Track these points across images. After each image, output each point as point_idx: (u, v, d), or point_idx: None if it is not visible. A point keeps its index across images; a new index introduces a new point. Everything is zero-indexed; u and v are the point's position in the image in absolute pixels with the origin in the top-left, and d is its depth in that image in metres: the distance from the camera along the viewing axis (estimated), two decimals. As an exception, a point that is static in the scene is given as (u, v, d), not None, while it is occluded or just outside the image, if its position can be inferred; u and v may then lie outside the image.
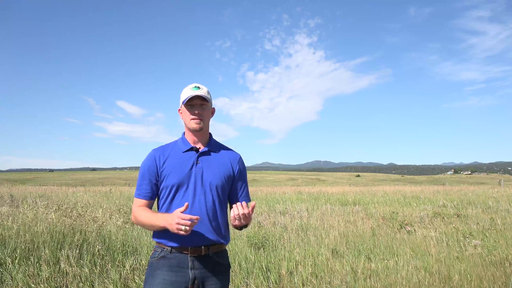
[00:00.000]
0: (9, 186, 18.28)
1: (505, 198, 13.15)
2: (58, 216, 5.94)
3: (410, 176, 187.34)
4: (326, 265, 4.12)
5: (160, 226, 1.49)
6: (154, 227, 1.53)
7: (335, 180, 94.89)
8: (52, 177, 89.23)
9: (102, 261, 3.93)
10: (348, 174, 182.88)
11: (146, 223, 1.56)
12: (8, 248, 3.97)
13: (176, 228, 1.39)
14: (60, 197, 10.86)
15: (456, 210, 9.67)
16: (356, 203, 12.04)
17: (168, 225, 1.43)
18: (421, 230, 6.63)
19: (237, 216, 1.47)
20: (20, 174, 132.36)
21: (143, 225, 1.58)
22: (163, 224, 1.47)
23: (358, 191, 19.25)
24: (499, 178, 35.91)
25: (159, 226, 1.50)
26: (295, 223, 7.15)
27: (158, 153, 1.67)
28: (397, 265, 4.13)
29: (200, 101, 1.65)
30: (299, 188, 24.04)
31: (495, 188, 20.46)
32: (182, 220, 1.37)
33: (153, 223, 1.52)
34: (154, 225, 1.52)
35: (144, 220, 1.56)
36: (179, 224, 1.38)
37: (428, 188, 22.17)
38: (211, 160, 1.68)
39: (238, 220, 1.48)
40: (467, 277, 3.71)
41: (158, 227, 1.51)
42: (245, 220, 1.49)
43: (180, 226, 1.38)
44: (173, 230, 1.41)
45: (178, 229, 1.39)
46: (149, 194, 1.64)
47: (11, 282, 3.28)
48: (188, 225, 1.37)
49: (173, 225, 1.40)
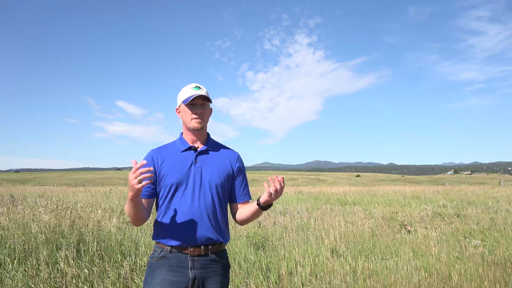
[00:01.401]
0: (9, 186, 18.28)
1: (505, 198, 13.15)
2: (58, 216, 5.93)
3: (410, 176, 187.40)
4: (326, 265, 4.11)
5: (129, 198, 1.44)
6: (129, 205, 1.49)
7: (335, 180, 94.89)
8: (52, 177, 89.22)
9: (101, 261, 3.92)
10: (348, 174, 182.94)
11: (127, 208, 1.53)
12: (7, 248, 3.97)
13: (135, 183, 1.35)
14: (60, 197, 10.85)
15: (456, 210, 9.67)
16: (356, 203, 12.04)
17: (129, 188, 1.40)
18: (421, 230, 6.63)
19: (274, 191, 1.46)
20: (20, 174, 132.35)
21: (128, 213, 1.55)
22: (129, 194, 1.43)
23: (358, 191, 19.25)
24: (499, 178, 35.91)
25: (129, 199, 1.46)
26: (295, 223, 7.15)
27: (156, 153, 1.67)
28: (397, 265, 4.12)
29: (202, 101, 1.66)
30: (299, 188, 24.03)
31: (495, 188, 20.46)
32: (132, 174, 1.35)
33: (127, 203, 1.49)
34: (129, 203, 1.48)
35: (126, 207, 1.54)
36: (134, 178, 1.35)
37: (428, 188, 22.17)
38: (210, 159, 1.68)
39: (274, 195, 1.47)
40: (467, 277, 3.71)
41: (129, 201, 1.47)
42: (279, 194, 1.48)
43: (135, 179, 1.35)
44: (134, 186, 1.36)
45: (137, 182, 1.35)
46: (147, 193, 1.63)
47: (11, 282, 3.28)
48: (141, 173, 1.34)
49: (131, 182, 1.36)
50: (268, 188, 1.47)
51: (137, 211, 1.52)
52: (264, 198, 1.51)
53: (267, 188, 1.48)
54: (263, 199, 1.53)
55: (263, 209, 1.57)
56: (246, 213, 1.65)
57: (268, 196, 1.48)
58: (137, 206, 1.50)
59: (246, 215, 1.66)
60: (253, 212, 1.61)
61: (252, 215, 1.63)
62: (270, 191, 1.46)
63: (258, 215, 1.65)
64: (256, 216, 1.65)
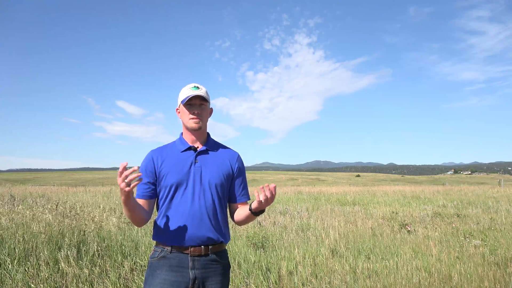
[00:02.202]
0: (9, 186, 18.27)
1: (505, 198, 13.15)
2: (58, 216, 5.94)
3: (410, 176, 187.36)
4: (326, 265, 4.11)
5: (123, 202, 1.45)
6: (125, 208, 1.49)
7: (335, 180, 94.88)
8: (52, 177, 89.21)
9: (101, 261, 3.92)
10: (348, 174, 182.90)
11: (124, 211, 1.53)
12: (7, 248, 3.97)
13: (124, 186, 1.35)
14: (60, 197, 10.85)
15: (456, 210, 9.67)
16: (356, 203, 12.04)
17: (120, 192, 1.40)
18: (421, 230, 6.63)
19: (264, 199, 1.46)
20: (20, 174, 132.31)
21: (126, 215, 1.56)
22: (121, 198, 1.43)
23: (358, 191, 19.25)
24: (499, 178, 35.89)
25: (123, 203, 1.46)
26: (295, 223, 7.15)
27: (156, 153, 1.68)
28: (397, 265, 4.12)
29: (200, 101, 1.65)
30: (299, 188, 24.03)
31: (495, 188, 20.45)
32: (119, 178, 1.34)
33: (123, 206, 1.49)
34: (124, 206, 1.48)
35: (123, 210, 1.55)
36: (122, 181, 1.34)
37: (428, 188, 22.16)
38: (210, 159, 1.68)
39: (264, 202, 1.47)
40: (468, 277, 3.71)
41: (123, 204, 1.47)
42: (270, 202, 1.48)
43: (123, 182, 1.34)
44: (124, 189, 1.36)
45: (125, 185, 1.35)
46: (146, 193, 1.64)
47: (11, 282, 3.28)
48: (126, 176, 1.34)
49: (120, 186, 1.36)
50: (258, 196, 1.48)
51: (133, 213, 1.52)
52: (255, 205, 1.53)
53: (257, 196, 1.48)
54: (254, 206, 1.54)
55: (255, 214, 1.59)
56: (241, 216, 1.67)
57: (258, 203, 1.50)
58: (133, 208, 1.50)
59: (241, 218, 1.68)
60: (247, 216, 1.63)
61: (245, 218, 1.65)
62: (260, 199, 1.47)
63: (252, 219, 1.66)
64: (250, 220, 1.67)
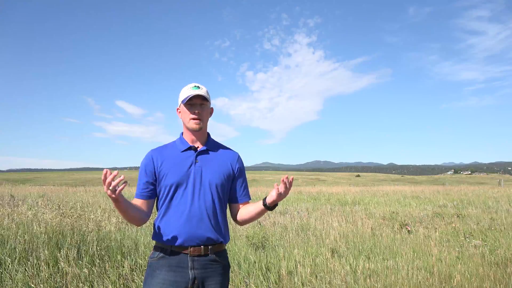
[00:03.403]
0: (9, 186, 18.27)
1: (505, 198, 13.14)
2: (58, 216, 5.93)
3: (410, 176, 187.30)
4: (326, 265, 4.11)
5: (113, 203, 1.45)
6: (118, 210, 1.51)
7: (335, 180, 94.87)
8: (52, 177, 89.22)
9: (101, 261, 3.92)
10: (348, 174, 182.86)
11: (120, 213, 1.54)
12: (7, 247, 3.97)
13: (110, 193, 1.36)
14: (60, 197, 10.85)
15: (456, 210, 9.66)
16: (356, 203, 12.03)
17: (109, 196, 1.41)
18: (421, 230, 6.62)
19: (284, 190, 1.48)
20: (20, 174, 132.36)
21: (121, 215, 1.56)
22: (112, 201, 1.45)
23: (358, 191, 19.23)
24: (499, 178, 35.89)
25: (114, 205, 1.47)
26: (295, 223, 7.14)
27: (156, 153, 1.67)
28: (397, 265, 4.12)
29: (200, 100, 1.65)
30: (299, 188, 24.02)
31: (495, 188, 20.44)
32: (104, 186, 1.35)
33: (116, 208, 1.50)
34: (117, 209, 1.50)
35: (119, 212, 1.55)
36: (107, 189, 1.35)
37: (428, 188, 22.15)
38: (210, 159, 1.68)
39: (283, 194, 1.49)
40: (468, 277, 3.70)
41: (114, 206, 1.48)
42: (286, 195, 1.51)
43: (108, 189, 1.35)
44: (110, 195, 1.37)
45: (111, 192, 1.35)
46: (145, 193, 1.64)
47: (11, 282, 3.28)
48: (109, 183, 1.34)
49: (107, 193, 1.36)
50: (278, 189, 1.48)
51: (126, 214, 1.52)
52: (272, 198, 1.52)
53: (277, 187, 1.49)
54: (270, 199, 1.53)
55: (269, 209, 1.58)
56: (251, 213, 1.66)
57: (277, 195, 1.49)
58: (125, 209, 1.50)
59: (250, 215, 1.66)
60: (258, 212, 1.62)
61: (256, 214, 1.64)
62: (280, 190, 1.48)
63: (262, 215, 1.66)
64: (259, 216, 1.66)
